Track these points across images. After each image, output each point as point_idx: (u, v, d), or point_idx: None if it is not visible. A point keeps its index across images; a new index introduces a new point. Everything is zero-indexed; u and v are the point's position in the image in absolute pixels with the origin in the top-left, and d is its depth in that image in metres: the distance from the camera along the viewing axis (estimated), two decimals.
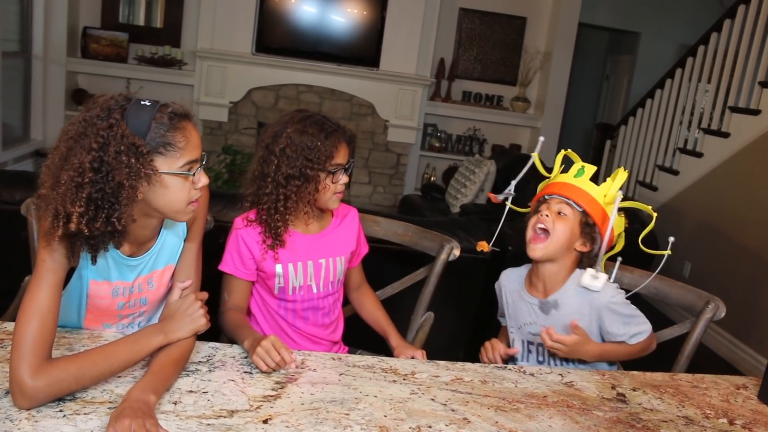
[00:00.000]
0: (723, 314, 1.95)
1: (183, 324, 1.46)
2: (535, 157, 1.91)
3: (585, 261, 1.89)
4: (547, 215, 1.84)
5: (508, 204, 1.93)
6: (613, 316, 1.85)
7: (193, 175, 1.41)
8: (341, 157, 1.82)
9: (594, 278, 1.81)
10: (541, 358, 1.93)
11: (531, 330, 1.92)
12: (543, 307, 1.89)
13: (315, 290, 1.92)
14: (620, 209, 1.86)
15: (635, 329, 1.85)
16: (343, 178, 1.84)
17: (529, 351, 1.95)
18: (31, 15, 5.54)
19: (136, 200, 1.35)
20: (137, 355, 1.39)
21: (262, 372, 1.53)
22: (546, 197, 1.88)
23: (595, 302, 1.84)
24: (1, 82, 4.88)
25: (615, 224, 1.84)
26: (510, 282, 2.01)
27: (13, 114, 5.49)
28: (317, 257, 1.90)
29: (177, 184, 1.40)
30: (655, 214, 1.88)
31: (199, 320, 1.48)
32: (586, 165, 1.88)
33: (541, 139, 1.90)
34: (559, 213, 1.84)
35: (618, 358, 1.91)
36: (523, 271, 2.00)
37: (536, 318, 1.91)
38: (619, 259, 1.95)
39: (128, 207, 1.33)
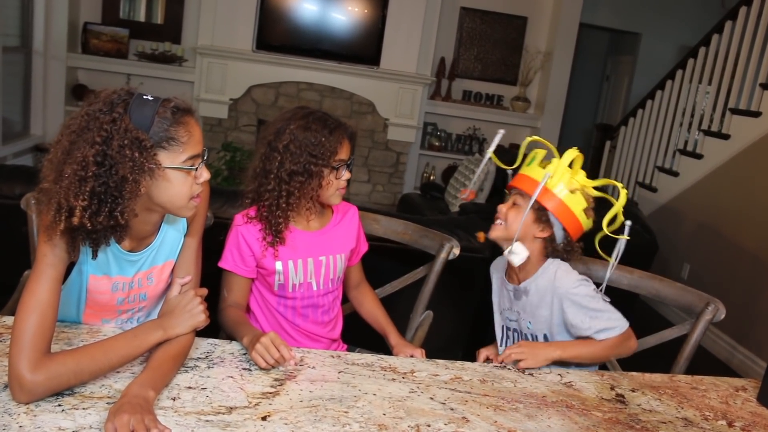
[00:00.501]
0: (723, 316, 1.95)
1: (182, 320, 1.46)
2: (490, 155, 1.93)
3: (552, 249, 1.89)
4: (502, 206, 1.90)
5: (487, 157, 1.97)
6: (576, 308, 1.82)
7: (195, 169, 1.41)
8: (344, 152, 1.83)
9: (512, 253, 1.85)
10: (511, 343, 1.98)
11: (508, 316, 1.98)
12: (516, 293, 1.93)
13: (315, 287, 1.92)
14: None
15: (602, 324, 1.80)
16: (346, 174, 1.85)
17: (507, 336, 2.00)
18: (32, 10, 5.53)
19: (139, 194, 1.35)
20: (136, 350, 1.39)
21: (261, 369, 1.53)
22: (509, 190, 1.94)
23: (557, 291, 1.85)
24: (2, 77, 4.87)
25: (571, 203, 1.83)
26: (495, 270, 2.06)
27: (13, 109, 5.48)
28: (317, 254, 1.90)
29: (179, 178, 1.40)
30: (624, 191, 1.83)
31: (199, 316, 1.48)
32: (539, 151, 1.90)
33: (501, 132, 1.91)
34: (513, 204, 1.88)
35: (589, 357, 1.84)
36: (505, 260, 2.02)
37: (511, 304, 1.96)
38: (613, 262, 1.90)
39: (131, 201, 1.33)
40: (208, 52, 6.12)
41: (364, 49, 6.36)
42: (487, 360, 1.97)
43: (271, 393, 1.43)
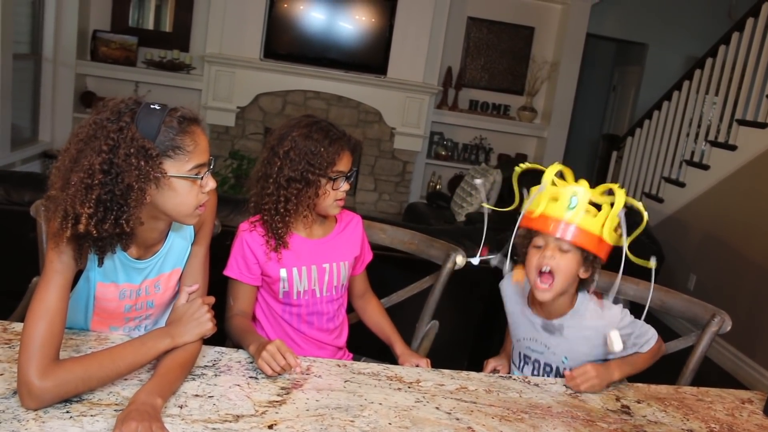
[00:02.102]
0: (729, 327, 1.95)
1: (190, 328, 1.47)
2: (486, 207, 1.86)
3: (586, 283, 1.83)
4: (551, 256, 1.70)
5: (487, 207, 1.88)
6: (625, 338, 1.81)
7: (201, 178, 1.42)
8: (343, 164, 1.83)
9: (613, 344, 1.71)
10: (535, 373, 1.90)
11: (531, 346, 1.89)
12: (547, 327, 1.84)
13: (319, 295, 1.93)
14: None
15: (643, 339, 1.84)
16: (344, 186, 1.85)
17: (525, 363, 1.92)
18: (42, 18, 5.59)
19: (144, 203, 1.36)
20: (144, 357, 1.40)
21: (268, 376, 1.53)
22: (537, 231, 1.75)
23: (606, 329, 1.78)
24: (11, 83, 4.91)
25: (609, 237, 1.72)
26: (511, 294, 1.95)
27: (22, 115, 5.52)
28: (321, 262, 1.91)
29: (185, 187, 1.41)
30: (646, 215, 1.76)
31: (206, 324, 1.49)
32: (578, 190, 1.69)
33: (477, 182, 1.85)
34: (560, 249, 1.71)
35: (637, 372, 1.85)
36: (522, 285, 1.92)
37: (538, 336, 1.86)
38: (619, 275, 1.82)
39: (137, 209, 1.34)
40: (216, 60, 6.16)
41: (371, 58, 6.39)
42: (494, 371, 1.97)
43: (277, 401, 1.44)
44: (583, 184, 1.72)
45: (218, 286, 1.81)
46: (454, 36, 6.75)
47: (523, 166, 1.83)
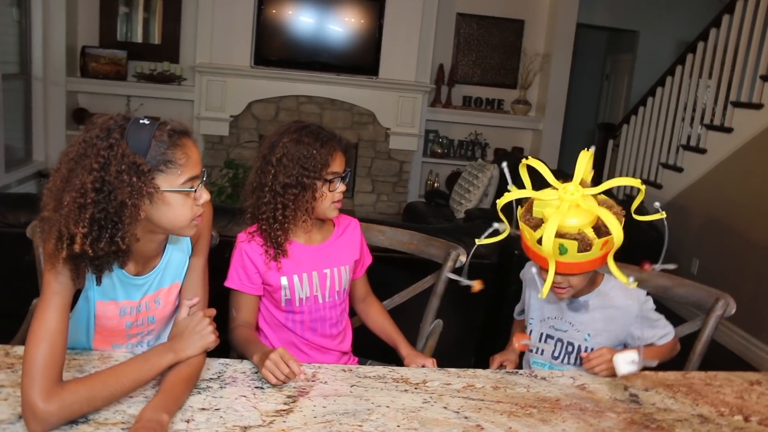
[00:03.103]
0: (733, 311, 1.94)
1: (192, 342, 1.46)
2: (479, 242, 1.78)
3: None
4: (560, 281, 1.74)
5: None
6: (644, 321, 1.86)
7: (194, 191, 1.41)
8: (337, 165, 1.83)
9: (630, 364, 1.68)
10: (556, 354, 1.92)
11: (555, 325, 1.93)
12: (573, 306, 1.89)
13: (321, 300, 1.92)
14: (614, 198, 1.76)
15: (662, 331, 1.88)
16: (340, 187, 1.85)
17: (546, 342, 1.95)
18: (30, 36, 5.56)
19: (139, 219, 1.35)
20: (148, 374, 1.39)
21: (273, 385, 1.53)
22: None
23: (630, 310, 1.85)
24: (2, 104, 4.89)
25: (615, 228, 1.66)
26: (533, 278, 1.91)
27: (14, 136, 5.50)
28: (321, 267, 1.91)
29: (179, 201, 1.40)
30: (643, 187, 1.77)
31: (208, 337, 1.48)
32: (564, 241, 1.60)
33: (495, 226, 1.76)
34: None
35: (656, 359, 1.84)
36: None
37: (563, 314, 1.92)
38: (653, 266, 1.79)
39: (131, 226, 1.33)
40: (207, 70, 6.15)
41: (362, 59, 6.38)
42: (501, 366, 1.96)
43: (284, 410, 1.43)
44: (574, 183, 1.65)
45: (219, 298, 1.80)
46: (444, 33, 6.74)
47: (526, 161, 1.75)
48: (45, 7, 5.57)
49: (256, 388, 1.52)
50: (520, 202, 1.72)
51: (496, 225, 1.72)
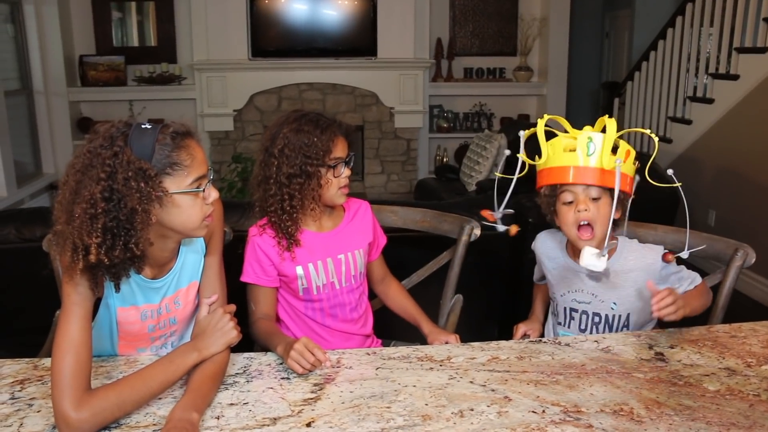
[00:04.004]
0: (753, 260, 1.93)
1: (215, 339, 1.47)
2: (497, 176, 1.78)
3: (619, 222, 1.86)
4: (585, 209, 1.71)
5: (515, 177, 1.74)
6: (668, 275, 1.85)
7: (203, 191, 1.42)
8: (340, 150, 1.83)
9: (596, 257, 1.67)
10: (583, 327, 1.91)
11: (577, 298, 1.91)
12: (593, 275, 1.86)
13: (338, 286, 1.93)
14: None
15: (688, 279, 1.85)
16: (345, 172, 1.85)
17: (571, 318, 1.93)
18: (27, 51, 5.59)
19: (150, 223, 1.36)
20: (174, 375, 1.41)
21: (299, 375, 1.54)
22: (564, 186, 1.73)
23: (652, 268, 1.82)
24: (7, 121, 4.92)
25: (629, 171, 1.74)
26: (549, 249, 1.97)
27: (22, 151, 5.54)
28: (336, 253, 1.91)
29: (188, 202, 1.40)
30: (656, 138, 1.73)
31: (230, 333, 1.49)
32: (593, 135, 1.67)
33: (506, 152, 1.82)
34: (593, 199, 1.72)
35: (701, 308, 1.83)
36: (559, 237, 1.94)
37: (584, 285, 1.89)
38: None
39: (144, 231, 1.34)
40: (206, 67, 6.15)
41: (359, 41, 6.35)
42: (525, 336, 1.97)
43: (312, 399, 1.44)
44: (589, 129, 1.71)
45: (238, 293, 1.81)
46: (440, 6, 6.69)
47: (527, 132, 1.77)
48: (39, 21, 5.59)
49: (282, 379, 1.53)
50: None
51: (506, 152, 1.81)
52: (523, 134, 1.75)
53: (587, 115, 8.04)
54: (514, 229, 1.79)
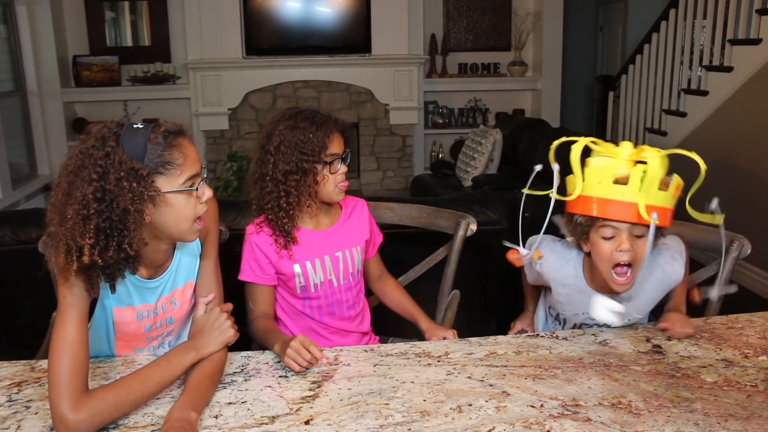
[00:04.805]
0: (749, 251, 1.93)
1: (212, 338, 1.47)
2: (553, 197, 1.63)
3: None
4: (629, 250, 1.56)
5: (554, 195, 1.64)
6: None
7: (196, 189, 1.42)
8: (335, 146, 1.83)
9: (612, 312, 1.60)
10: None
11: (589, 320, 1.80)
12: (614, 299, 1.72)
13: (336, 284, 1.93)
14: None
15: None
16: (342, 168, 1.84)
17: (582, 330, 1.82)
18: (20, 52, 5.57)
19: (144, 223, 1.35)
20: (172, 374, 1.40)
21: (296, 372, 1.54)
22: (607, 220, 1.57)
23: (669, 280, 1.75)
24: (1, 122, 4.91)
25: (672, 204, 1.63)
26: (563, 277, 1.77)
27: (17, 152, 5.53)
28: (333, 251, 1.91)
29: (182, 201, 1.40)
30: (705, 167, 1.59)
31: (228, 332, 1.49)
32: (649, 167, 1.52)
33: (537, 168, 1.63)
34: (634, 235, 1.57)
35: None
36: (572, 261, 1.75)
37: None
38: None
39: (137, 231, 1.34)
40: (200, 66, 6.13)
41: (353, 38, 6.34)
42: (522, 332, 1.97)
43: (310, 396, 1.44)
44: (627, 146, 1.56)
45: (235, 292, 1.81)
46: (433, 2, 6.68)
47: (557, 142, 1.64)
48: (32, 21, 5.57)
49: (280, 377, 1.53)
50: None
51: (537, 167, 1.61)
52: (557, 169, 1.60)
53: (582, 107, 8.05)
54: (537, 254, 1.72)
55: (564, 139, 1.64)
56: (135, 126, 1.36)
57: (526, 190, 1.70)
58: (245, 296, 1.90)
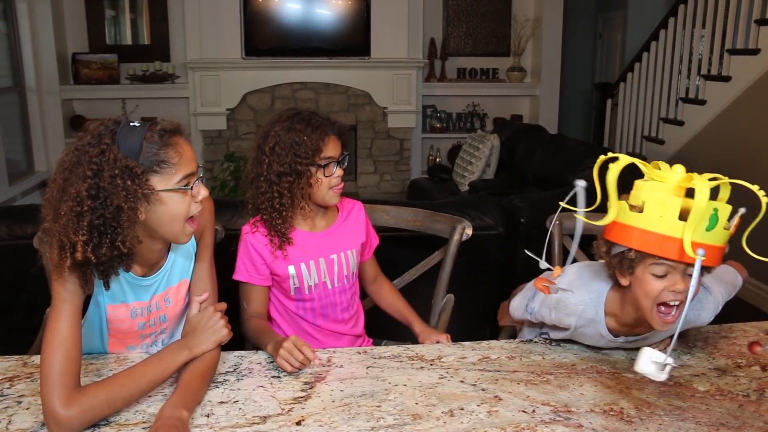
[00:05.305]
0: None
1: (205, 337, 1.47)
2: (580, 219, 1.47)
3: None
4: (682, 291, 1.39)
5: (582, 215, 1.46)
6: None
7: (191, 188, 1.41)
8: (331, 149, 1.82)
9: (659, 367, 1.33)
10: None
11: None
12: (627, 343, 1.63)
13: (330, 286, 1.93)
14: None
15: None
16: (337, 172, 1.83)
17: None
18: (20, 48, 5.56)
19: (137, 221, 1.35)
20: (164, 372, 1.40)
21: (289, 373, 1.54)
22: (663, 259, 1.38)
23: (697, 321, 1.62)
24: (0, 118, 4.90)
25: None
26: (581, 314, 1.60)
27: (14, 149, 5.51)
28: (328, 253, 1.91)
29: (176, 199, 1.40)
30: (766, 200, 1.41)
31: (221, 331, 1.48)
32: (719, 206, 1.37)
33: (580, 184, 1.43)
34: (686, 274, 1.39)
35: None
36: (595, 302, 1.58)
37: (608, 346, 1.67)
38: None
39: (131, 229, 1.34)
40: (199, 66, 6.13)
41: (352, 41, 6.34)
42: (514, 336, 1.96)
43: (302, 397, 1.44)
44: (679, 170, 1.41)
45: (229, 292, 1.80)
46: (433, 5, 6.69)
47: (602, 159, 1.44)
48: (32, 18, 5.56)
49: (272, 377, 1.53)
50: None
51: (579, 183, 1.42)
52: (582, 185, 1.43)
53: (580, 114, 8.06)
54: (557, 271, 1.62)
55: (607, 156, 1.44)
56: (132, 124, 1.36)
57: (563, 204, 1.52)
58: (239, 296, 1.90)
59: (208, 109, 6.23)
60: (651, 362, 1.34)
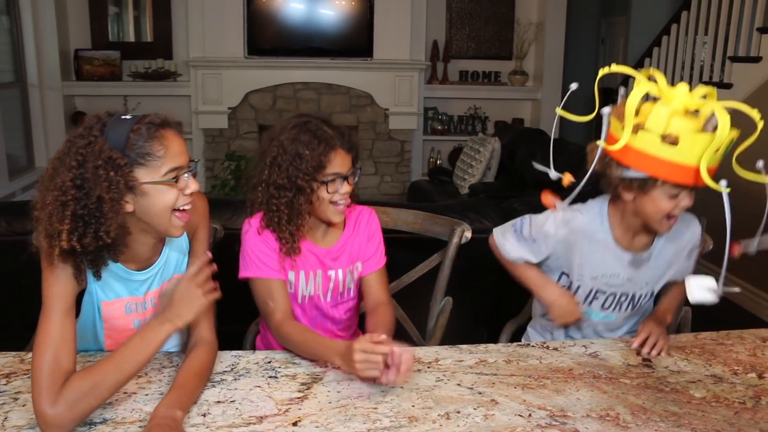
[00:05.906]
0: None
1: (187, 308, 1.38)
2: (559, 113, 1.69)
3: None
4: (686, 205, 1.65)
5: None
6: (690, 256, 1.86)
7: (176, 181, 1.39)
8: (338, 165, 1.68)
9: (709, 291, 1.53)
10: (606, 305, 1.86)
11: (610, 281, 1.82)
12: (635, 261, 1.79)
13: (323, 300, 1.85)
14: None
15: (695, 261, 1.86)
16: (343, 188, 1.70)
17: (595, 297, 1.85)
18: (22, 44, 5.56)
19: (121, 212, 1.35)
20: (146, 351, 1.34)
21: (369, 379, 1.47)
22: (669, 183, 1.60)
23: (689, 245, 1.82)
24: (1, 113, 4.90)
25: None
26: (593, 232, 1.79)
27: (15, 144, 5.52)
28: (326, 269, 1.82)
29: (161, 192, 1.38)
30: (761, 123, 1.58)
31: (200, 299, 1.39)
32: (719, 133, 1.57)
33: (573, 86, 1.63)
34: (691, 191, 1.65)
35: (680, 299, 1.87)
36: (599, 217, 1.79)
37: (622, 271, 1.80)
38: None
39: (114, 220, 1.33)
40: (201, 64, 6.13)
41: (355, 41, 6.34)
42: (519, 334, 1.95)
43: (299, 398, 1.44)
44: (683, 88, 1.59)
45: (232, 292, 1.79)
46: (436, 8, 6.69)
47: (606, 70, 1.67)
48: (35, 14, 5.57)
49: (269, 377, 1.53)
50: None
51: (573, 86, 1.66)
52: (607, 112, 1.69)
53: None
54: (567, 178, 1.60)
55: (610, 69, 1.67)
56: (123, 117, 1.37)
57: (559, 111, 1.74)
58: (257, 297, 1.78)
59: (210, 108, 6.23)
60: (703, 290, 1.51)
